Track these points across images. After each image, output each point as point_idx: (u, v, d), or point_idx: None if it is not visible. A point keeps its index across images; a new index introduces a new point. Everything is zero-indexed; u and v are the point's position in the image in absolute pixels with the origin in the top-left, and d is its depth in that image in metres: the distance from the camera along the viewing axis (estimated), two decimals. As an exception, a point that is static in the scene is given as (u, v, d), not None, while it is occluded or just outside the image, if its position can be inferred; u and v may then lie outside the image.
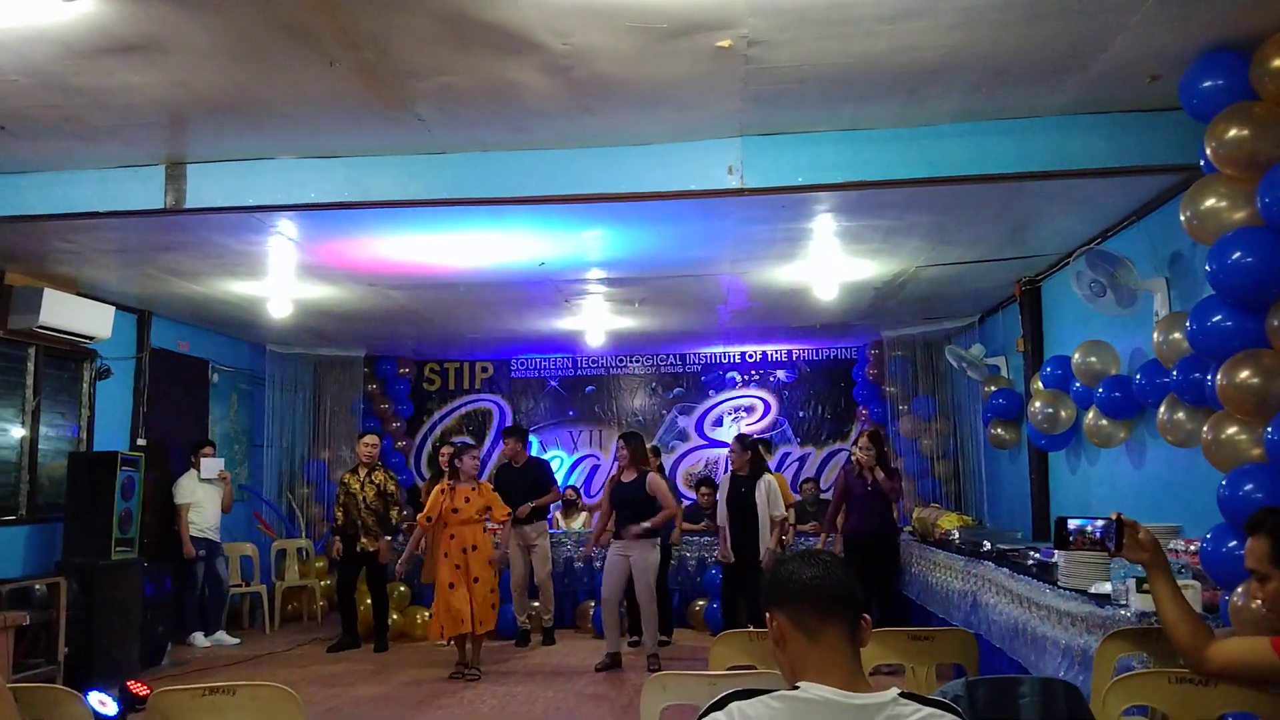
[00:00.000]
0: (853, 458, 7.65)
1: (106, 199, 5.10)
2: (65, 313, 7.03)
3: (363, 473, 8.31)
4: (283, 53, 3.78)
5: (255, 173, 4.95)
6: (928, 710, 1.72)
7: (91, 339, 7.47)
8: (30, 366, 7.29)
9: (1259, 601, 2.41)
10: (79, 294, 7.33)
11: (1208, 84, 3.67)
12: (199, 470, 8.59)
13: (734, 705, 1.74)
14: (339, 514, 8.32)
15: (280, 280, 7.44)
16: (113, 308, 7.57)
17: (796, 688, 1.76)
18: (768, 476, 7.50)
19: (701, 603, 8.95)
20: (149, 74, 3.95)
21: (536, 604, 8.51)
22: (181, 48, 3.73)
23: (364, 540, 8.14)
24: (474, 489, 7.29)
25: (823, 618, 1.81)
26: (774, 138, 4.64)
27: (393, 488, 8.34)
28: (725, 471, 8.55)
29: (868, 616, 1.86)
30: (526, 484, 8.51)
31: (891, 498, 7.43)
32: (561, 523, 9.99)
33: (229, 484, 8.85)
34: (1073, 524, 2.90)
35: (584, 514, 9.88)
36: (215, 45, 3.72)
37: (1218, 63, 3.66)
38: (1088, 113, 4.41)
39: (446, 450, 8.68)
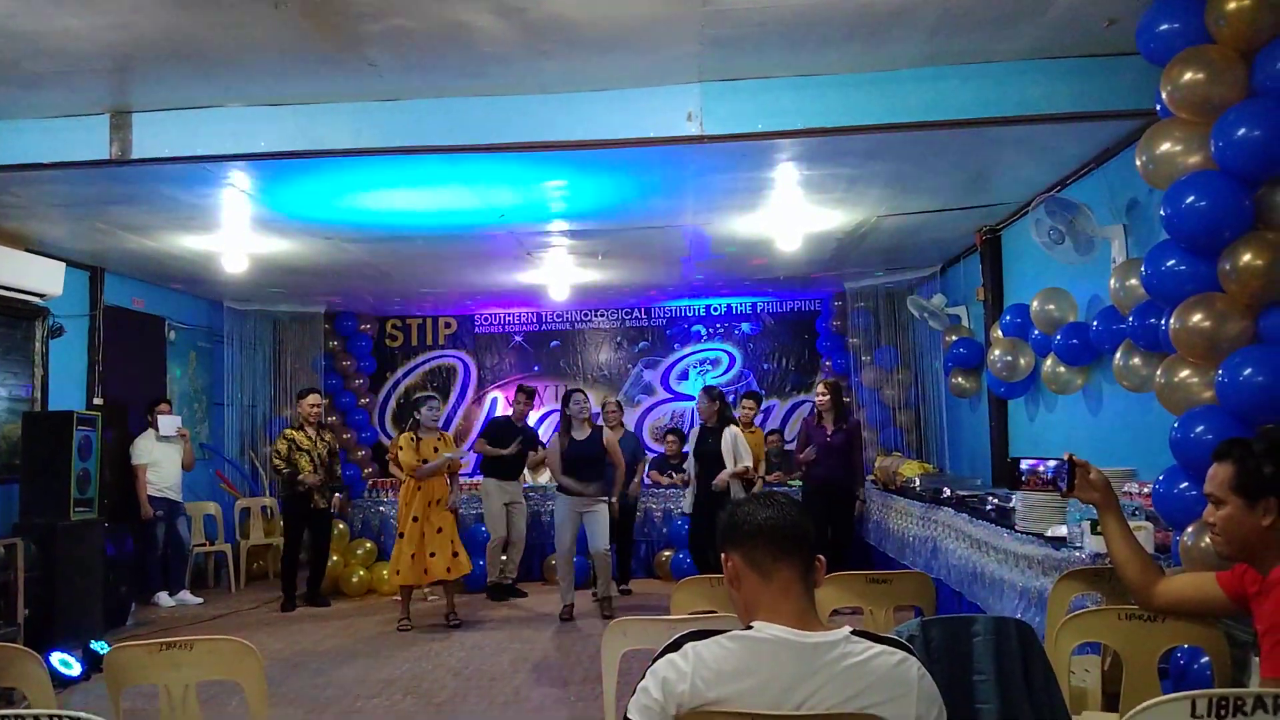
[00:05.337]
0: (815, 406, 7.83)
1: (50, 150, 4.97)
2: (13, 270, 6.84)
3: (312, 431, 8.26)
4: (226, -5, 3.67)
5: (203, 121, 4.83)
6: (879, 647, 1.74)
7: (43, 296, 7.29)
8: (-21, 325, 7.12)
9: (1211, 522, 2.46)
10: (28, 250, 7.14)
11: (1164, 27, 3.64)
12: (156, 429, 8.48)
13: (689, 646, 1.75)
14: (304, 464, 8.05)
15: (234, 234, 7.28)
16: (63, 264, 7.38)
17: (750, 627, 1.77)
18: (732, 427, 7.53)
19: (668, 553, 9.03)
20: (89, 17, 3.82)
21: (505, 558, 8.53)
22: (120, -11, 3.60)
23: (316, 499, 8.14)
24: (439, 439, 7.37)
25: (776, 558, 1.81)
26: (733, 84, 4.59)
27: (337, 446, 8.53)
28: (694, 424, 8.62)
29: (822, 558, 1.86)
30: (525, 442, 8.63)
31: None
32: (529, 476, 10.00)
33: (189, 441, 8.74)
34: (1025, 464, 2.94)
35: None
36: (155, -13, 3.60)
37: (1174, 5, 3.63)
38: (1046, 58, 4.41)
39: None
